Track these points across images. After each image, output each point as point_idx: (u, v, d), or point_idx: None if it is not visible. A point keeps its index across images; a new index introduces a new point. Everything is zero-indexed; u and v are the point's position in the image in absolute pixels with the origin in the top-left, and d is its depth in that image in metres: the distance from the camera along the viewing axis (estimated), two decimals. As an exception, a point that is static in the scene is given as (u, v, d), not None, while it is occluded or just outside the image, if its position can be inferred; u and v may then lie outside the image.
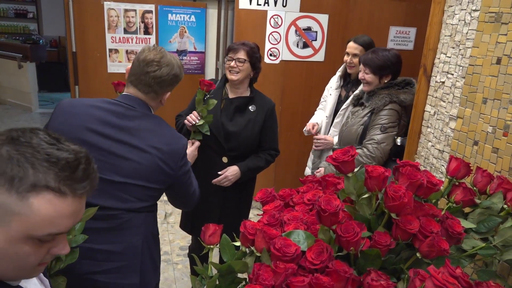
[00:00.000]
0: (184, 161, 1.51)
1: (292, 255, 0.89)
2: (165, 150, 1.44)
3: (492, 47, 1.27)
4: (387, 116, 2.12)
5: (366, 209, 1.04)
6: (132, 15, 5.97)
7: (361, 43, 2.66)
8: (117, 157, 1.41)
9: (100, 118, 1.42)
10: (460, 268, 0.84)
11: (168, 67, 1.46)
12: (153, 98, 1.51)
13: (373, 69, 2.19)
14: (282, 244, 0.90)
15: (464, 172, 1.17)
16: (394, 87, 2.19)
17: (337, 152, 1.05)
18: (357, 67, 2.67)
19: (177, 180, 1.51)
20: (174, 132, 1.53)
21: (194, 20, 6.29)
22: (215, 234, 1.09)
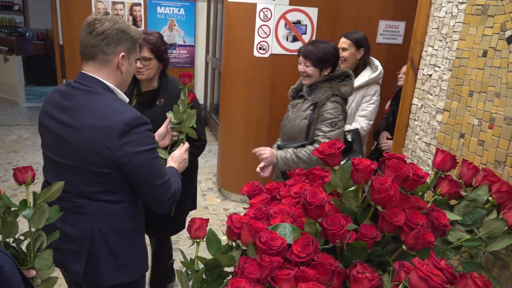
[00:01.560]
0: (129, 140, 1.33)
1: (277, 249, 0.89)
2: (97, 126, 1.33)
3: (478, 39, 1.28)
4: (333, 110, 2.15)
5: (352, 201, 1.04)
6: (120, 7, 5.89)
7: (351, 38, 2.72)
8: (60, 138, 1.40)
9: (53, 101, 1.44)
10: (444, 260, 0.84)
11: (110, 22, 1.37)
12: (103, 62, 1.39)
13: (314, 61, 2.17)
14: (268, 238, 0.90)
15: (450, 164, 1.17)
16: (335, 80, 2.21)
17: (324, 145, 1.04)
18: (347, 62, 2.71)
19: (119, 162, 1.34)
20: (115, 108, 1.37)
21: (183, 13, 6.23)
22: (201, 228, 1.08)
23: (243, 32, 3.70)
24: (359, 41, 2.72)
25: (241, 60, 3.77)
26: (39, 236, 1.16)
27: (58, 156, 1.42)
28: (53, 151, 1.44)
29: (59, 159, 1.42)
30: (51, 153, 1.45)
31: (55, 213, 1.17)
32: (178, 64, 6.41)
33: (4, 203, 1.10)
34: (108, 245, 1.46)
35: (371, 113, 2.76)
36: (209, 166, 4.97)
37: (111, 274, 1.47)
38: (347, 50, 2.73)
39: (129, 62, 1.46)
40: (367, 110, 2.75)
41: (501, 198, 1.10)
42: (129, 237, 1.51)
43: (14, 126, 6.04)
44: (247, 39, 3.70)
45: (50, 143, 1.44)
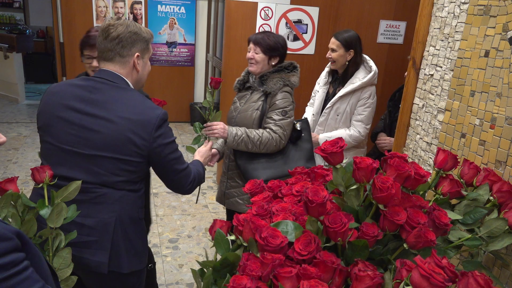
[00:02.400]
0: (161, 133, 1.48)
1: (276, 247, 0.89)
2: (135, 119, 1.44)
3: (480, 40, 1.28)
4: (284, 99, 2.19)
5: (354, 200, 1.04)
6: (121, 5, 5.89)
7: (340, 38, 2.61)
8: (86, 130, 1.44)
9: (74, 94, 1.48)
10: (446, 258, 0.84)
11: (123, 26, 1.48)
12: (121, 63, 1.51)
13: (264, 48, 2.20)
14: (268, 234, 0.90)
15: (451, 164, 1.18)
16: (284, 71, 2.24)
17: (326, 143, 1.05)
18: (337, 63, 2.63)
19: (152, 152, 1.49)
20: (148, 103, 1.51)
21: (184, 11, 6.23)
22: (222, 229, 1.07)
23: (244, 31, 3.71)
24: (348, 42, 2.61)
25: (241, 59, 3.78)
26: (57, 235, 1.18)
27: (80, 147, 1.45)
28: (72, 142, 1.46)
29: (82, 150, 1.45)
30: (69, 145, 1.46)
31: (73, 212, 1.18)
32: (179, 63, 6.41)
33: (23, 202, 1.11)
34: (127, 233, 1.53)
35: (367, 117, 2.70)
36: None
37: (129, 260, 1.53)
38: (335, 51, 2.64)
39: (143, 61, 1.58)
40: (363, 115, 2.68)
41: (502, 198, 1.10)
42: (141, 225, 1.61)
43: (14, 124, 6.04)
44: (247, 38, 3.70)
45: (69, 134, 1.46)
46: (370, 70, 2.65)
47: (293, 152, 2.30)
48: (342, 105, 2.64)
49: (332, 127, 2.70)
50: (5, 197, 1.07)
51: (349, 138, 2.65)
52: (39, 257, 0.87)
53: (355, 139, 2.68)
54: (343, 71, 2.67)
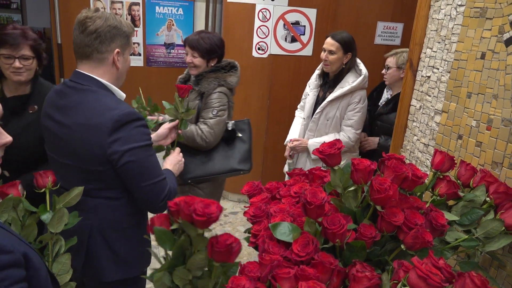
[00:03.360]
0: (118, 137, 1.31)
1: (214, 215, 0.82)
2: (89, 125, 1.32)
3: (477, 42, 1.29)
4: (217, 99, 2.22)
5: (352, 201, 1.05)
6: (119, 7, 5.88)
7: (339, 39, 2.51)
8: (57, 138, 1.42)
9: (51, 100, 1.46)
10: (443, 259, 0.85)
11: (101, 19, 1.35)
12: (99, 61, 1.38)
13: (201, 52, 2.23)
14: (202, 206, 0.83)
15: (448, 165, 1.18)
16: (221, 71, 2.28)
17: (324, 145, 1.05)
18: (333, 65, 2.53)
19: (110, 158, 1.33)
20: (106, 104, 1.35)
21: (182, 13, 6.22)
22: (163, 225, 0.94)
23: (242, 33, 3.71)
24: (347, 43, 2.52)
25: (239, 60, 3.76)
26: (57, 240, 1.18)
27: (57, 155, 1.46)
28: (53, 150, 1.48)
29: (58, 158, 1.46)
30: (52, 153, 1.48)
31: (74, 218, 1.19)
32: (177, 64, 6.41)
33: (24, 207, 1.11)
34: (107, 241, 1.47)
35: (358, 122, 2.61)
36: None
37: (110, 269, 1.49)
38: (334, 54, 2.51)
39: (124, 57, 1.46)
40: (353, 120, 2.59)
41: (498, 199, 1.11)
42: (128, 233, 1.51)
43: (11, 125, 6.02)
44: (245, 39, 3.71)
45: (50, 142, 1.48)
46: (360, 74, 2.57)
47: (224, 151, 2.33)
48: (332, 110, 2.58)
49: (322, 132, 2.64)
50: (6, 201, 1.07)
51: None
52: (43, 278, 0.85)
53: (345, 145, 2.49)
54: (335, 74, 2.59)
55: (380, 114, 2.77)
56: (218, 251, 0.84)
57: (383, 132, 2.76)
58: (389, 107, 2.72)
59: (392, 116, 2.68)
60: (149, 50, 6.05)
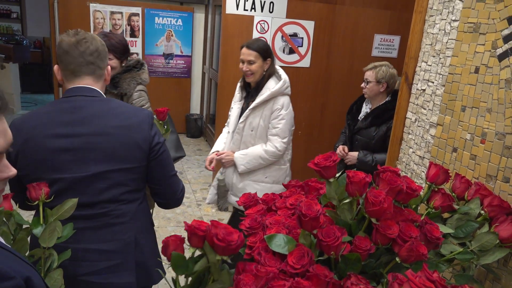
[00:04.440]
0: (155, 131, 1.47)
1: (236, 243, 0.86)
2: (130, 124, 1.42)
3: (470, 56, 1.31)
4: (140, 98, 2.23)
5: (347, 214, 1.05)
6: (118, 17, 5.93)
7: (255, 48, 2.39)
8: (86, 150, 1.38)
9: (55, 121, 1.39)
10: (437, 272, 0.85)
11: (95, 40, 1.45)
12: (99, 77, 1.47)
13: (118, 54, 2.20)
14: (224, 234, 0.86)
15: (443, 178, 1.19)
16: (134, 70, 2.27)
17: (319, 157, 1.06)
18: (256, 74, 2.42)
19: (152, 151, 1.45)
20: (133, 107, 1.54)
21: (181, 24, 6.28)
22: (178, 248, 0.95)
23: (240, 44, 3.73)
24: (264, 50, 2.40)
25: (238, 71, 3.80)
26: (50, 255, 1.14)
27: (82, 171, 1.37)
28: (72, 169, 1.38)
29: (84, 172, 1.37)
30: (71, 173, 1.38)
31: (69, 231, 1.15)
32: (175, 74, 6.44)
33: (16, 220, 1.09)
34: (149, 245, 1.52)
35: (283, 131, 2.44)
36: (204, 176, 4.97)
37: (157, 272, 1.48)
38: (254, 63, 2.39)
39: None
40: (278, 128, 2.43)
41: (492, 212, 1.12)
42: (154, 232, 1.61)
43: (9, 134, 6.01)
44: (244, 50, 3.73)
45: (69, 162, 1.38)
46: (281, 79, 2.45)
47: None
48: (255, 118, 2.43)
49: (248, 144, 2.49)
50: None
51: (266, 154, 2.43)
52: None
53: (272, 155, 2.44)
54: (257, 82, 2.46)
55: (359, 129, 2.74)
56: (219, 244, 0.85)
57: (362, 146, 2.72)
58: (367, 121, 2.69)
59: (371, 131, 2.68)
60: (148, 60, 6.09)
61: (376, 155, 2.66)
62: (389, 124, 2.61)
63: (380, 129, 2.66)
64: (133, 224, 1.46)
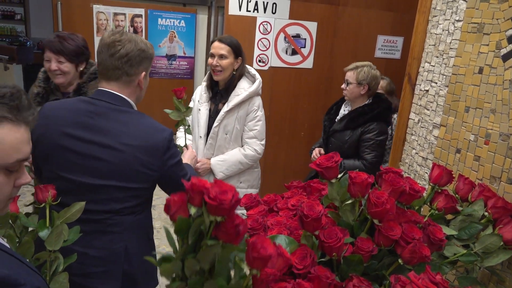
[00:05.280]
0: (170, 154, 1.41)
1: (229, 202, 0.76)
2: (143, 146, 1.36)
3: (474, 57, 1.30)
4: None
5: (349, 215, 1.04)
6: (122, 18, 5.95)
7: (229, 43, 2.26)
8: (92, 158, 1.36)
9: (73, 120, 1.38)
10: (440, 274, 0.84)
11: (131, 43, 1.37)
12: (126, 83, 1.41)
13: (69, 57, 1.94)
14: (217, 192, 0.78)
15: (447, 179, 1.18)
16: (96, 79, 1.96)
17: (322, 158, 1.05)
18: (225, 71, 2.25)
19: (164, 175, 1.42)
20: (153, 125, 1.41)
21: (184, 25, 6.29)
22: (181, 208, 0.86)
23: (242, 45, 3.71)
24: (237, 47, 2.28)
25: (240, 72, 3.80)
26: (56, 258, 1.13)
27: (86, 177, 1.36)
28: (78, 172, 1.37)
29: (89, 180, 1.36)
30: (74, 175, 1.37)
31: (75, 234, 1.14)
32: (178, 75, 6.45)
33: (21, 223, 1.08)
34: (141, 258, 1.45)
35: (261, 132, 2.35)
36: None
37: (145, 284, 1.50)
38: (226, 58, 2.23)
39: (146, 78, 1.49)
40: (256, 130, 2.33)
41: (496, 214, 1.11)
42: (152, 245, 1.57)
43: (12, 134, 6.02)
44: (246, 51, 3.71)
45: (74, 164, 1.37)
46: (254, 79, 2.34)
47: None
48: (230, 121, 2.29)
49: (223, 148, 2.34)
50: (2, 217, 1.05)
51: (246, 159, 2.32)
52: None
53: (252, 159, 2.34)
54: (226, 82, 2.30)
55: (334, 131, 2.62)
56: (224, 231, 0.78)
57: (336, 149, 2.52)
58: (342, 124, 2.56)
59: (345, 134, 2.52)
60: (151, 61, 6.10)
61: (345, 160, 2.48)
62: (364, 129, 2.48)
63: (355, 133, 2.51)
64: (126, 235, 1.43)
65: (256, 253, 0.70)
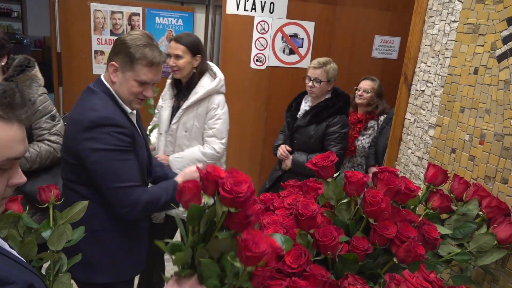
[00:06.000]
0: (90, 136, 1.40)
1: (245, 194, 0.75)
2: (74, 119, 1.48)
3: (469, 57, 1.31)
4: (47, 102, 1.92)
5: (345, 214, 1.05)
6: (119, 17, 5.92)
7: (184, 42, 2.24)
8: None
9: None
10: (434, 272, 0.85)
11: (130, 36, 1.52)
12: (107, 67, 1.53)
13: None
14: (232, 183, 0.76)
15: (441, 179, 1.19)
16: (28, 70, 1.88)
17: (317, 157, 1.06)
18: (183, 70, 2.26)
19: (79, 153, 1.42)
20: (91, 105, 1.45)
21: (181, 24, 6.27)
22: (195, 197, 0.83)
23: (240, 44, 3.75)
24: (195, 46, 2.26)
25: (238, 71, 3.81)
26: (59, 259, 1.14)
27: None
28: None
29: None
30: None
31: (79, 234, 1.15)
32: (175, 74, 6.45)
33: (24, 223, 1.08)
34: (97, 246, 1.52)
35: (220, 131, 2.33)
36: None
37: (75, 269, 1.40)
38: (181, 58, 2.23)
39: (123, 76, 1.49)
40: (215, 128, 2.31)
41: (491, 213, 1.12)
42: (98, 236, 1.50)
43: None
44: (244, 51, 3.74)
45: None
46: (216, 77, 2.34)
47: None
48: (189, 119, 2.28)
49: (183, 146, 2.33)
50: (5, 217, 1.04)
51: (204, 157, 2.30)
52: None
53: (210, 157, 2.32)
54: (187, 80, 2.31)
55: (298, 127, 2.67)
56: (236, 221, 0.77)
57: (301, 145, 2.65)
58: (306, 119, 2.64)
59: (310, 129, 2.62)
60: (148, 60, 6.09)
61: (311, 155, 2.55)
62: (328, 122, 2.60)
63: (320, 127, 2.61)
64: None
65: (249, 252, 0.69)
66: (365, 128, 3.06)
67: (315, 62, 2.63)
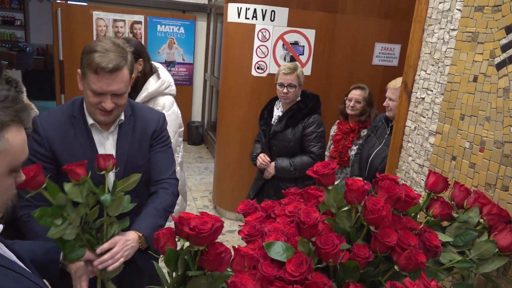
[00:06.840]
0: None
1: (208, 231, 0.83)
2: None
3: (469, 65, 1.32)
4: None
5: (345, 221, 1.06)
6: (121, 25, 5.98)
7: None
8: None
9: None
10: (435, 280, 0.86)
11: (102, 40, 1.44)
12: None
13: None
14: (197, 223, 0.84)
15: (442, 186, 1.20)
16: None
17: (318, 165, 1.06)
18: None
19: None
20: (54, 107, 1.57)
21: (183, 31, 6.33)
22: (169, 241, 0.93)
23: (241, 52, 3.77)
24: (135, 51, 2.09)
25: (239, 79, 3.83)
26: (113, 222, 1.25)
27: None
28: None
29: None
30: None
31: (127, 203, 1.25)
32: (177, 82, 6.46)
33: (89, 188, 1.17)
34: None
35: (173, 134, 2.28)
36: (205, 183, 4.97)
37: None
38: None
39: (84, 86, 1.43)
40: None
41: (491, 220, 1.12)
42: None
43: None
44: (245, 58, 3.76)
45: None
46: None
47: None
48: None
49: None
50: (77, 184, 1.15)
51: None
52: None
53: None
54: (133, 83, 2.19)
55: (275, 133, 2.71)
56: (207, 259, 0.85)
57: (281, 150, 2.69)
58: (282, 124, 2.67)
59: (287, 133, 2.65)
60: (150, 67, 6.13)
61: (293, 159, 2.65)
62: (304, 123, 2.64)
63: (297, 130, 2.65)
64: None
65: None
66: (358, 137, 3.05)
67: (285, 68, 2.64)
